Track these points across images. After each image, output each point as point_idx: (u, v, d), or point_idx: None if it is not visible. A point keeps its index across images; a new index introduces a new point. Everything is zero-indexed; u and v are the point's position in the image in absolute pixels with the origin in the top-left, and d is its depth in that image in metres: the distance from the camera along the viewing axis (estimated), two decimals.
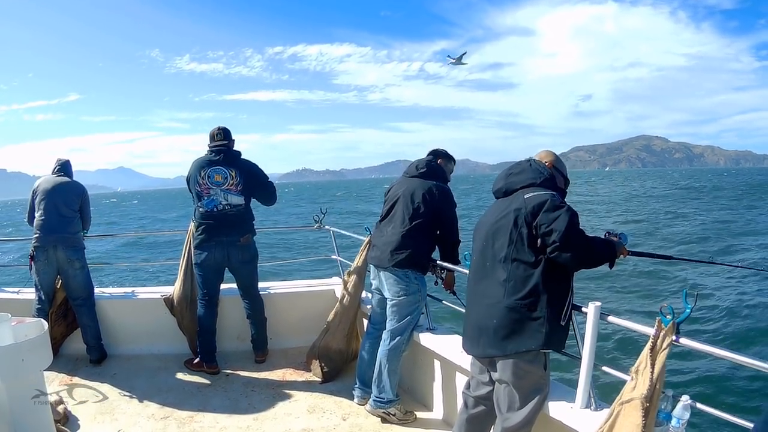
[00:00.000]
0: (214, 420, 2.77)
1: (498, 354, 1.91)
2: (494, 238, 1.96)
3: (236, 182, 3.30)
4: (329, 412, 2.88)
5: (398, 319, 2.74)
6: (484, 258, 2.01)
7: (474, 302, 2.05)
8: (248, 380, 3.30)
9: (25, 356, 1.75)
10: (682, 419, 1.60)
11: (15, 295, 3.82)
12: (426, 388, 2.97)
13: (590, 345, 1.88)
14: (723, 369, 5.05)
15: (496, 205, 2.07)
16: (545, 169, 2.05)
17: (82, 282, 3.47)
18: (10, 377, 1.71)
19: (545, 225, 1.84)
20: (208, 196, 3.27)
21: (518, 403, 1.91)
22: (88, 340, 3.51)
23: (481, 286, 2.00)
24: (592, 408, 1.92)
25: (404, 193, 2.75)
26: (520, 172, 2.04)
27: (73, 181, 3.58)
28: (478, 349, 2.00)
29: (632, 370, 1.64)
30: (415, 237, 2.69)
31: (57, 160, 3.62)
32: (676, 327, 1.61)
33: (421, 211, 2.68)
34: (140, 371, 3.40)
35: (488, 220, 2.05)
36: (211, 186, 3.27)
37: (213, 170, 3.28)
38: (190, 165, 3.37)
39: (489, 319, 1.92)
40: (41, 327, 1.90)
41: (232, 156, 3.35)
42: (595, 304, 1.86)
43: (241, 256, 3.37)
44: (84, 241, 3.58)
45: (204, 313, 3.37)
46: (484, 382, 2.07)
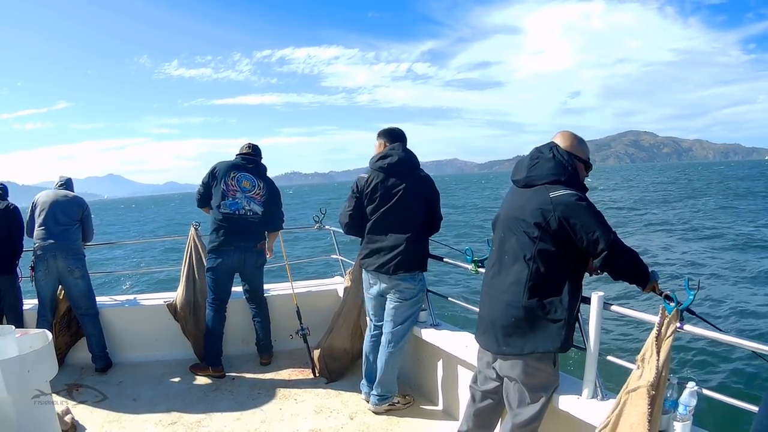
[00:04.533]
0: (222, 424, 2.78)
1: (514, 353, 1.87)
2: (514, 232, 1.88)
3: (262, 193, 3.38)
4: (336, 411, 2.89)
5: (401, 321, 2.70)
6: (502, 251, 1.93)
7: (490, 295, 1.97)
8: (254, 383, 3.31)
9: (31, 368, 1.74)
10: (689, 406, 1.60)
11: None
12: (430, 383, 2.98)
13: (595, 335, 1.88)
14: (728, 354, 5.05)
15: (516, 196, 1.94)
16: (569, 160, 1.88)
17: (83, 291, 3.46)
18: (15, 389, 1.70)
19: (590, 233, 1.74)
20: (232, 198, 3.30)
21: (528, 399, 1.91)
22: (93, 349, 3.51)
23: (499, 281, 1.93)
24: (599, 398, 1.93)
25: (401, 194, 2.60)
26: (544, 165, 1.87)
27: (75, 195, 3.61)
28: (492, 345, 1.94)
29: (638, 358, 1.64)
30: (420, 238, 2.65)
31: (60, 177, 3.68)
32: (680, 314, 1.61)
33: (421, 211, 2.64)
34: (146, 378, 3.40)
35: (508, 212, 1.94)
36: (239, 189, 3.31)
37: (243, 176, 3.35)
38: (216, 164, 3.40)
39: (507, 316, 1.87)
40: (45, 338, 1.90)
41: (262, 169, 3.47)
42: (598, 294, 1.86)
43: (255, 261, 3.42)
44: (84, 250, 3.59)
45: (213, 317, 3.38)
46: (491, 377, 2.05)
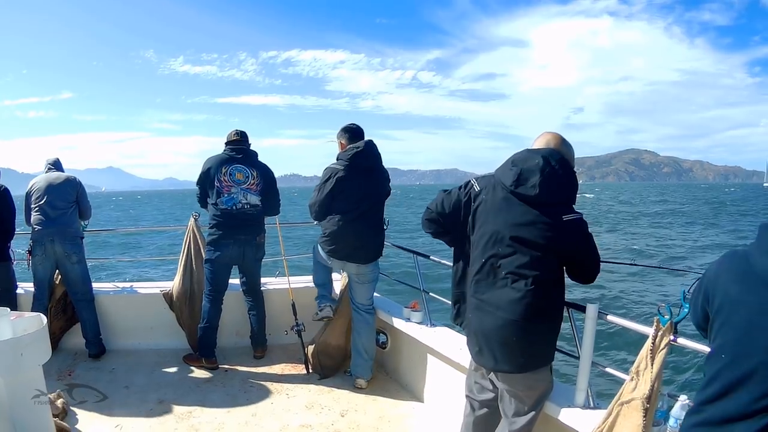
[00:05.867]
0: (213, 415, 2.78)
1: (514, 371, 1.84)
2: (516, 250, 1.77)
3: (257, 182, 3.36)
4: (327, 408, 2.89)
5: (371, 295, 3.18)
6: (496, 265, 1.81)
7: (481, 309, 1.86)
8: (247, 375, 3.31)
9: (24, 351, 1.74)
10: (679, 419, 1.60)
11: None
12: (421, 383, 2.99)
13: (589, 345, 1.89)
14: None
15: (517, 210, 1.79)
16: (575, 178, 1.84)
17: (80, 276, 3.46)
18: (8, 372, 1.70)
19: (591, 260, 1.83)
20: (228, 194, 3.29)
21: (526, 409, 1.91)
22: (87, 334, 3.51)
23: (493, 296, 1.81)
24: (591, 407, 1.94)
25: (371, 191, 3.00)
26: (555, 182, 1.77)
27: (67, 176, 3.57)
28: (489, 362, 1.87)
29: (632, 370, 1.65)
30: (382, 227, 3.12)
31: (46, 161, 3.66)
32: (674, 327, 1.61)
33: (382, 205, 3.10)
34: (139, 366, 3.40)
35: (507, 227, 1.78)
36: (233, 184, 3.29)
37: (235, 168, 3.32)
38: (205, 162, 3.38)
39: (503, 335, 1.79)
40: (40, 321, 1.90)
41: (252, 156, 3.43)
42: (593, 305, 1.87)
43: (254, 254, 3.43)
44: (83, 234, 3.58)
45: (209, 309, 3.38)
46: (488, 387, 2.04)
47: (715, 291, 1.14)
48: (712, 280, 1.17)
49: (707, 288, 1.18)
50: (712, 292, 1.15)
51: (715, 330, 1.13)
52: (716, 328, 1.13)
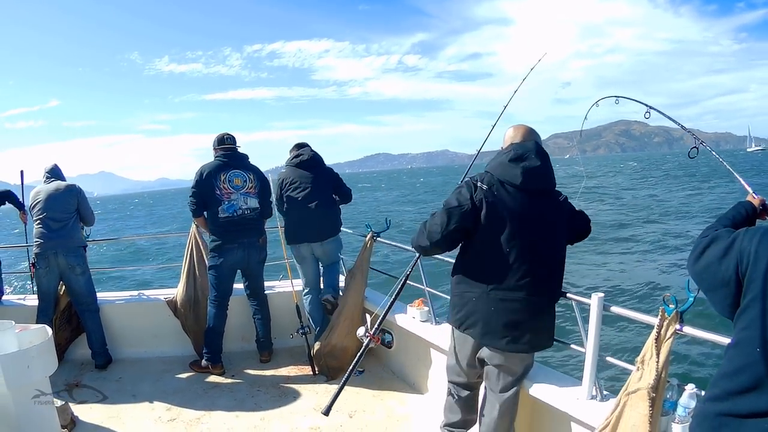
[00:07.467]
0: (221, 421, 2.78)
1: (527, 350, 1.96)
2: (544, 238, 1.90)
3: (254, 185, 3.37)
4: (336, 410, 2.86)
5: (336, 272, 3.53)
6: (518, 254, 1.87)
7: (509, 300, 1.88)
8: (254, 380, 3.31)
9: (31, 363, 1.75)
10: (688, 408, 1.60)
11: (19, 303, 3.83)
12: (428, 380, 2.99)
13: (594, 336, 1.89)
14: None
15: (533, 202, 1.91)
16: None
17: (84, 287, 3.47)
18: (15, 384, 1.71)
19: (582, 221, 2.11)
20: (228, 201, 3.29)
21: (514, 381, 2.00)
22: (93, 345, 3.51)
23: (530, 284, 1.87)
24: (599, 399, 1.93)
25: (315, 180, 3.39)
26: (550, 172, 1.99)
27: (66, 183, 3.54)
28: (499, 342, 1.91)
29: (638, 360, 1.64)
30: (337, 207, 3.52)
31: (44, 168, 3.60)
32: (680, 316, 1.61)
33: (330, 188, 3.47)
34: (146, 374, 3.41)
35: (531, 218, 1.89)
36: (233, 190, 3.29)
37: (233, 174, 3.32)
38: (199, 171, 3.33)
39: (539, 318, 1.93)
40: (45, 333, 1.91)
41: (245, 159, 3.44)
42: (598, 295, 1.86)
43: (258, 256, 3.44)
44: (86, 242, 3.58)
45: (214, 314, 3.38)
46: (474, 367, 2.08)
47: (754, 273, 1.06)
48: (752, 255, 1.08)
49: (742, 257, 1.10)
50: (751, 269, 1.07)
51: (751, 316, 1.06)
52: (752, 315, 1.06)
